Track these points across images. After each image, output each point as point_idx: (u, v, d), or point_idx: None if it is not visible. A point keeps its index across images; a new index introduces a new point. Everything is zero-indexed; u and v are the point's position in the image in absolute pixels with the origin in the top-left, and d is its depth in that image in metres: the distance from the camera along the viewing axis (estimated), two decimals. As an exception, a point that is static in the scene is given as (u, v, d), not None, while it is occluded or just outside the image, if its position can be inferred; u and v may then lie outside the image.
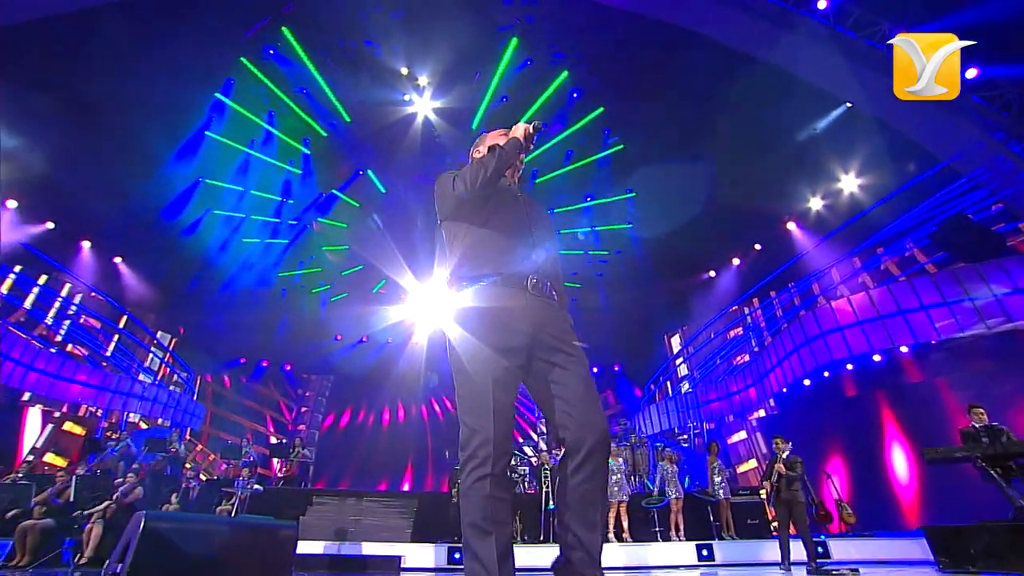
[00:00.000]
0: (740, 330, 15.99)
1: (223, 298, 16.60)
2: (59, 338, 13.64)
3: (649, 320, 19.14)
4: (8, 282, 12.54)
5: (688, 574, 6.89)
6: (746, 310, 15.79)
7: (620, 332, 19.24)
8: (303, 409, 20.97)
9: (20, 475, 8.68)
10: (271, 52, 12.02)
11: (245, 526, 2.73)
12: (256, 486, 8.57)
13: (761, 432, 14.19)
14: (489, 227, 1.91)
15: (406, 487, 19.92)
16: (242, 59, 11.97)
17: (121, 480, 7.89)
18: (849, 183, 12.97)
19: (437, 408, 22.00)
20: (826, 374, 11.85)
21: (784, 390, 12.20)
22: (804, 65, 10.27)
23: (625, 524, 8.34)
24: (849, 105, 10.98)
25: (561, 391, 1.74)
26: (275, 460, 12.93)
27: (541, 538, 8.40)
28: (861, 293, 10.73)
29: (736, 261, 16.41)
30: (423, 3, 11.34)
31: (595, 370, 21.36)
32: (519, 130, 1.98)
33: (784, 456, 6.28)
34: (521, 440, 13.96)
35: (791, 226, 14.44)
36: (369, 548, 7.56)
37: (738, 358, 15.60)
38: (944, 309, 9.41)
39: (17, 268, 12.69)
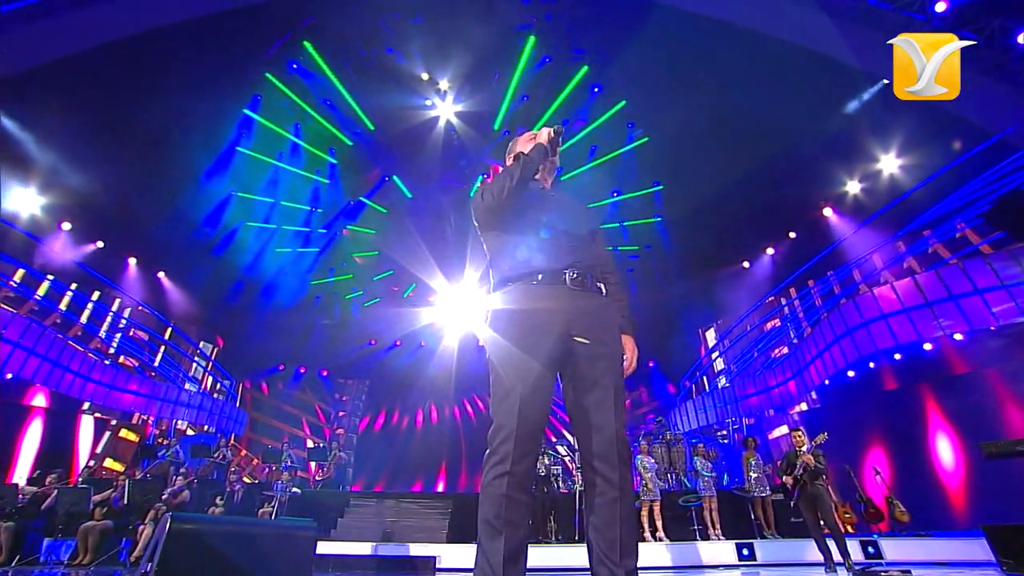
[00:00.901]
0: (777, 321, 15.42)
1: (260, 307, 17.17)
2: (112, 350, 14.41)
3: (682, 314, 18.70)
4: (66, 299, 13.35)
5: (728, 574, 6.69)
6: (783, 301, 15.22)
7: (653, 328, 18.87)
8: (340, 413, 21.47)
9: (82, 480, 9.24)
10: (295, 66, 12.38)
11: (266, 526, 2.83)
12: (295, 489, 8.83)
13: (803, 426, 13.64)
14: (524, 231, 1.95)
15: (440, 487, 20.14)
16: (267, 75, 12.37)
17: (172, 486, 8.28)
18: (889, 164, 12.31)
19: (469, 409, 22.15)
20: (871, 365, 11.29)
21: (826, 382, 11.70)
22: (835, 43, 9.81)
23: (659, 523, 8.18)
24: (886, 82, 10.43)
25: (580, 393, 1.75)
26: (312, 463, 13.30)
27: (576, 538, 8.33)
28: (907, 279, 10.15)
29: (770, 251, 15.85)
30: (441, 7, 11.44)
31: (629, 367, 21.05)
32: (543, 135, 2.08)
33: (804, 449, 5.99)
34: (555, 439, 13.87)
35: (827, 212, 13.84)
36: (406, 549, 7.68)
37: (776, 351, 15.06)
38: (1002, 292, 8.71)
39: (73, 285, 13.50)
